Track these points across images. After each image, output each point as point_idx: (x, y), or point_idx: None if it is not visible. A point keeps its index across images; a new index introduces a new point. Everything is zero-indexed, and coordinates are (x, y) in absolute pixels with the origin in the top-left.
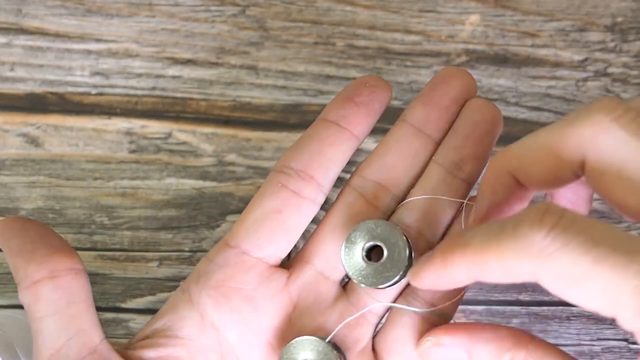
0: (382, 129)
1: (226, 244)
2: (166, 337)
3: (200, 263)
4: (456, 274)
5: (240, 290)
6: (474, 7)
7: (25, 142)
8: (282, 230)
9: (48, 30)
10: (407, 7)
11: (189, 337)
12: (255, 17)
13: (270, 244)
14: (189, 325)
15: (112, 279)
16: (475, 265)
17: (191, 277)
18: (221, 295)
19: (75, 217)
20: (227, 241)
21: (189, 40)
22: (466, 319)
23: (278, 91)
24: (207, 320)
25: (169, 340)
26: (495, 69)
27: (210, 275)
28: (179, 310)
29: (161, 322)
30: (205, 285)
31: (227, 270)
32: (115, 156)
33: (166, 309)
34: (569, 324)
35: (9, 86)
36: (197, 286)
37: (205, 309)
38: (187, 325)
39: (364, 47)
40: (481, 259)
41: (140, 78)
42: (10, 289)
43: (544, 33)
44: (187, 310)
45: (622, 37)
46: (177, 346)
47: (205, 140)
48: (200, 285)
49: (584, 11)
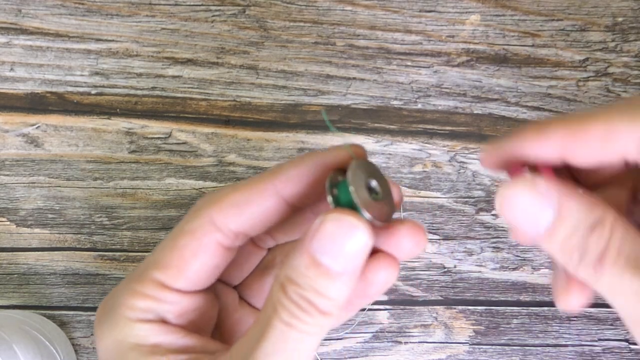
0: (382, 129)
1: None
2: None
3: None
4: (548, 143)
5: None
6: (474, 7)
7: (25, 142)
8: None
9: (48, 30)
10: (407, 7)
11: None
12: (255, 17)
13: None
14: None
15: (112, 279)
16: (575, 133)
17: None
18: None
19: (75, 217)
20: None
21: (189, 40)
22: (466, 319)
23: (278, 91)
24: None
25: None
26: (496, 68)
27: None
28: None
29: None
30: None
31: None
32: (115, 156)
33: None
34: (570, 325)
35: (9, 86)
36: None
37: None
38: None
39: (364, 47)
40: (585, 125)
41: (140, 78)
42: (10, 290)
43: (545, 33)
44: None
45: (623, 37)
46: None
47: (206, 140)
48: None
49: (585, 11)
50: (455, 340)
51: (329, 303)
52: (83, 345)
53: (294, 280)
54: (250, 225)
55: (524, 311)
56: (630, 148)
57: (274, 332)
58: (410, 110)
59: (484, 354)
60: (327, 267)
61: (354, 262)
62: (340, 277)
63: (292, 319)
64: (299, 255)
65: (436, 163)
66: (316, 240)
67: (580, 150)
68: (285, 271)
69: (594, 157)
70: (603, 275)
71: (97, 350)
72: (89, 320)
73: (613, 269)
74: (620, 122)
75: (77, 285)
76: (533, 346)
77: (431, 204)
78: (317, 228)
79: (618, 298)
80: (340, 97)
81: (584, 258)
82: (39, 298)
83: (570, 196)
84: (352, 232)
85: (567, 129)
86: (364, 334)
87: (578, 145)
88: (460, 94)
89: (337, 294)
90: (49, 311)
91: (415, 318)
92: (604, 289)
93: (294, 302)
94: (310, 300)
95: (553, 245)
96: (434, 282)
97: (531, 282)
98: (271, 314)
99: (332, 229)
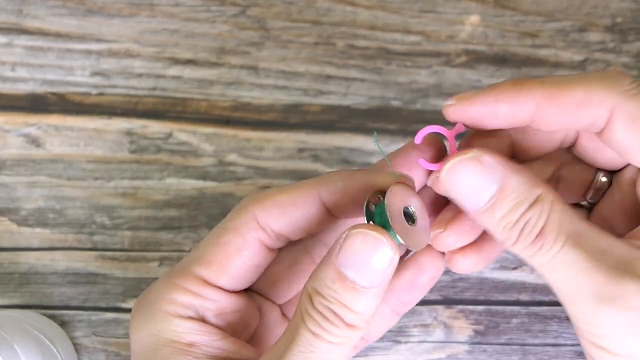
0: (382, 129)
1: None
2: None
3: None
4: (524, 103)
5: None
6: (473, 7)
7: (26, 142)
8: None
9: (49, 30)
10: (407, 7)
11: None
12: (255, 17)
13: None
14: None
15: (113, 279)
16: (551, 95)
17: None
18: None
19: (75, 217)
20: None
21: (190, 40)
22: (466, 319)
23: (278, 91)
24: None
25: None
26: (495, 69)
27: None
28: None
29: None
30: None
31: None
32: (115, 156)
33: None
34: (569, 324)
35: (10, 86)
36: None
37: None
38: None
39: (364, 47)
40: (561, 88)
41: (141, 78)
42: (11, 289)
43: (544, 33)
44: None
45: (622, 38)
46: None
47: (206, 140)
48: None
49: (584, 11)
50: (454, 339)
51: (355, 317)
52: (84, 345)
53: (320, 291)
54: (291, 227)
55: (524, 311)
56: (601, 117)
57: (301, 340)
58: (410, 110)
59: (483, 354)
60: (352, 281)
61: (381, 277)
62: (366, 291)
63: (318, 328)
64: (324, 268)
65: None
66: (342, 254)
67: (554, 114)
68: (312, 282)
69: (564, 121)
70: (541, 250)
71: (131, 342)
72: (89, 320)
73: (553, 244)
74: (598, 90)
75: (78, 285)
76: (532, 345)
77: None
78: (343, 241)
79: (556, 273)
80: (340, 97)
81: (522, 233)
82: (40, 297)
83: (513, 172)
84: (378, 247)
85: (545, 90)
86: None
87: (553, 108)
88: None
89: (364, 308)
90: (50, 311)
91: (414, 317)
92: (542, 263)
93: (319, 313)
94: (336, 312)
95: (492, 221)
96: None
97: (531, 281)
98: (299, 323)
99: (357, 243)
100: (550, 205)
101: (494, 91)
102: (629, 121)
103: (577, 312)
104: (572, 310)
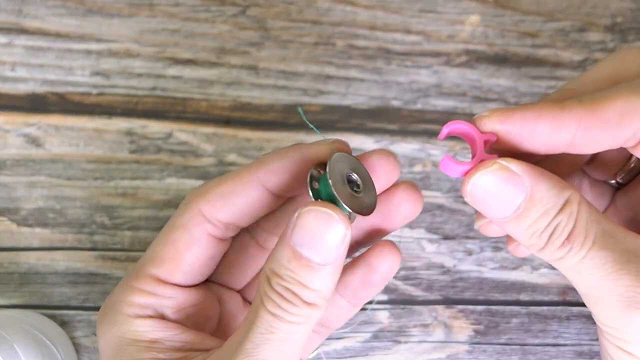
0: (382, 129)
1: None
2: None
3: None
4: (567, 121)
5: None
6: (473, 7)
7: (26, 142)
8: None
9: (49, 30)
10: (407, 7)
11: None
12: (255, 17)
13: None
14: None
15: (113, 279)
16: (592, 110)
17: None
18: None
19: (75, 217)
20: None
21: (190, 40)
22: (466, 319)
23: (278, 91)
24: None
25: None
26: (495, 69)
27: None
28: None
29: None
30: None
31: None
32: (115, 156)
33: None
34: (569, 324)
35: (10, 86)
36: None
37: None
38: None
39: (364, 47)
40: (601, 101)
41: (141, 78)
42: (11, 289)
43: (544, 33)
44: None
45: (622, 38)
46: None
47: (206, 140)
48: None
49: (584, 11)
50: (454, 339)
51: (312, 294)
52: (84, 345)
53: (277, 272)
54: (238, 215)
55: (524, 311)
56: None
57: (261, 323)
58: (410, 110)
59: (483, 354)
60: (308, 259)
61: (335, 253)
62: (322, 268)
63: (277, 309)
64: (280, 248)
65: (436, 163)
66: (295, 233)
67: (597, 130)
68: (270, 264)
69: (606, 138)
70: (570, 253)
71: (99, 346)
72: (89, 320)
73: (582, 247)
74: (638, 98)
75: (78, 285)
76: (532, 345)
77: (431, 204)
78: (296, 221)
79: (583, 276)
80: (340, 97)
81: (551, 238)
82: (40, 297)
83: (540, 177)
84: (330, 224)
85: (585, 107)
86: (363, 334)
87: (596, 122)
88: (459, 94)
89: (321, 285)
90: (50, 311)
91: (415, 317)
92: (569, 266)
93: (278, 294)
94: (294, 291)
95: (520, 229)
96: (434, 281)
97: (530, 281)
98: (258, 306)
99: (310, 221)
100: (578, 206)
101: (535, 107)
102: None
103: (603, 315)
104: (598, 313)
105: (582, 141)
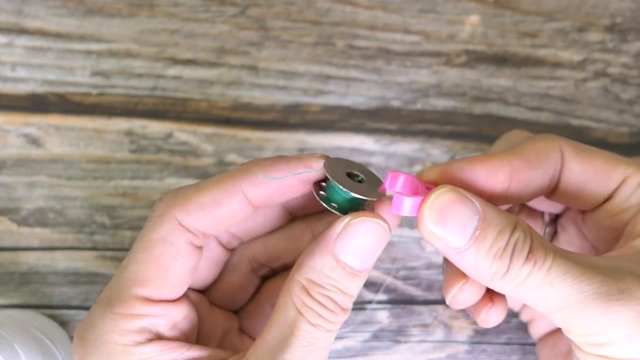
0: (382, 129)
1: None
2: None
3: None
4: (500, 165)
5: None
6: (473, 7)
7: (26, 142)
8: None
9: (49, 30)
10: (407, 7)
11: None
12: (255, 18)
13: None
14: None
15: None
16: (518, 155)
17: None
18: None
19: (76, 217)
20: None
21: (190, 40)
22: (466, 319)
23: (278, 91)
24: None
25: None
26: (495, 69)
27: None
28: None
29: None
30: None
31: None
32: (115, 156)
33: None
34: None
35: (10, 86)
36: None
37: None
38: None
39: (364, 47)
40: (524, 150)
41: (141, 78)
42: (11, 289)
43: (544, 33)
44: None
45: (621, 38)
46: None
47: (206, 140)
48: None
49: (584, 12)
50: (454, 339)
51: (348, 300)
52: None
53: (318, 282)
54: (217, 225)
55: None
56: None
57: (302, 335)
58: (409, 110)
59: (483, 353)
60: (350, 267)
61: (375, 259)
62: (362, 275)
63: (318, 319)
64: (320, 257)
65: (436, 163)
66: (340, 243)
67: (524, 174)
68: (305, 274)
69: (534, 181)
70: (535, 266)
71: None
72: None
73: (545, 259)
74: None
75: (78, 285)
76: (532, 345)
77: None
78: (341, 231)
79: (553, 287)
80: (340, 97)
81: (514, 256)
82: (40, 297)
83: (486, 203)
84: (380, 233)
85: (512, 154)
86: (363, 333)
87: (522, 167)
88: (459, 94)
89: (356, 290)
90: (50, 310)
91: (415, 317)
92: (539, 282)
93: (319, 303)
94: (334, 299)
95: (481, 253)
96: (434, 281)
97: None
98: (295, 317)
99: (361, 231)
100: (528, 227)
101: (469, 158)
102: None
103: (580, 325)
104: (574, 326)
105: (517, 185)
